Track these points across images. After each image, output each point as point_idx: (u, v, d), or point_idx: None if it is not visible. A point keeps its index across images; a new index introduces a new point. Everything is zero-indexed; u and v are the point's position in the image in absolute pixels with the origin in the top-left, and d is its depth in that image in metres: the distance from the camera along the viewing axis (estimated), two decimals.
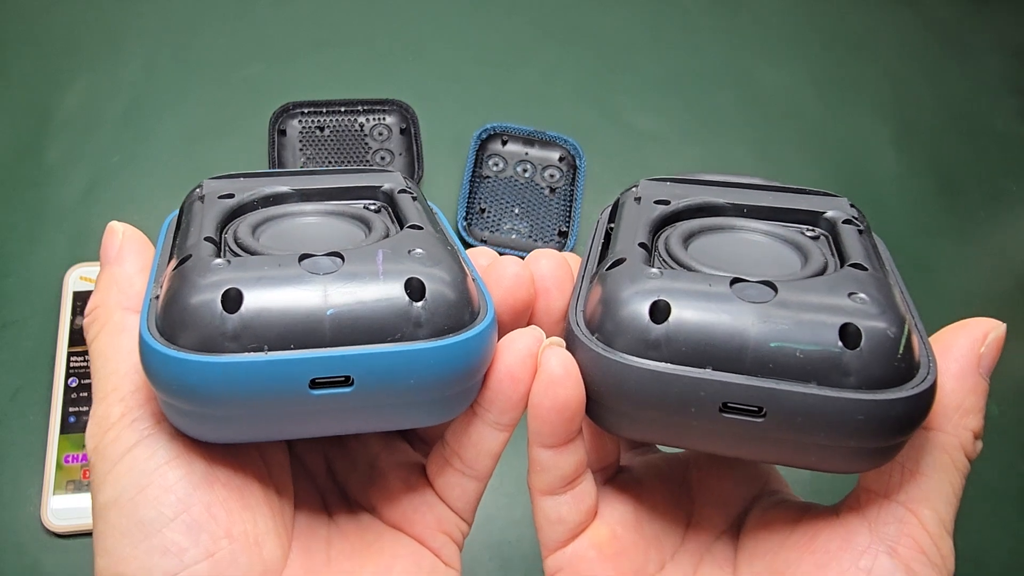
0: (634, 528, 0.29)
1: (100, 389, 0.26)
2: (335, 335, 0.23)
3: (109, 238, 0.29)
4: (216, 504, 0.25)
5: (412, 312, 0.24)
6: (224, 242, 0.27)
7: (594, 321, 0.25)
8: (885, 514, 0.25)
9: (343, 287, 0.24)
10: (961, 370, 0.26)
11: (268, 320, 0.23)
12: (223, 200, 0.29)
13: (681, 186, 0.31)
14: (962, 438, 0.26)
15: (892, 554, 0.25)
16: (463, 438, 0.28)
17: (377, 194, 0.30)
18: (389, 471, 0.30)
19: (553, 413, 0.26)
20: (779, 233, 0.29)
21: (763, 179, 0.32)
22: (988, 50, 0.86)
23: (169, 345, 0.23)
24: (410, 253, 0.25)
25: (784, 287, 0.24)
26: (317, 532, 0.28)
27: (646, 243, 0.27)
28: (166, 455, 0.25)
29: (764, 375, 0.23)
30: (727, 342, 0.23)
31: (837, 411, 0.23)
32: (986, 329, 0.26)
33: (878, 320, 0.23)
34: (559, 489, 0.27)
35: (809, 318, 0.23)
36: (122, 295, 0.27)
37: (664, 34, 0.83)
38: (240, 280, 0.23)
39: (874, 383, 0.23)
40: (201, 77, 0.75)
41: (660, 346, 0.24)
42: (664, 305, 0.24)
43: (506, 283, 0.27)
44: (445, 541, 0.29)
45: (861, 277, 0.25)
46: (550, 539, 0.28)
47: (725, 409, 0.24)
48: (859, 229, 0.28)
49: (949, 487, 0.25)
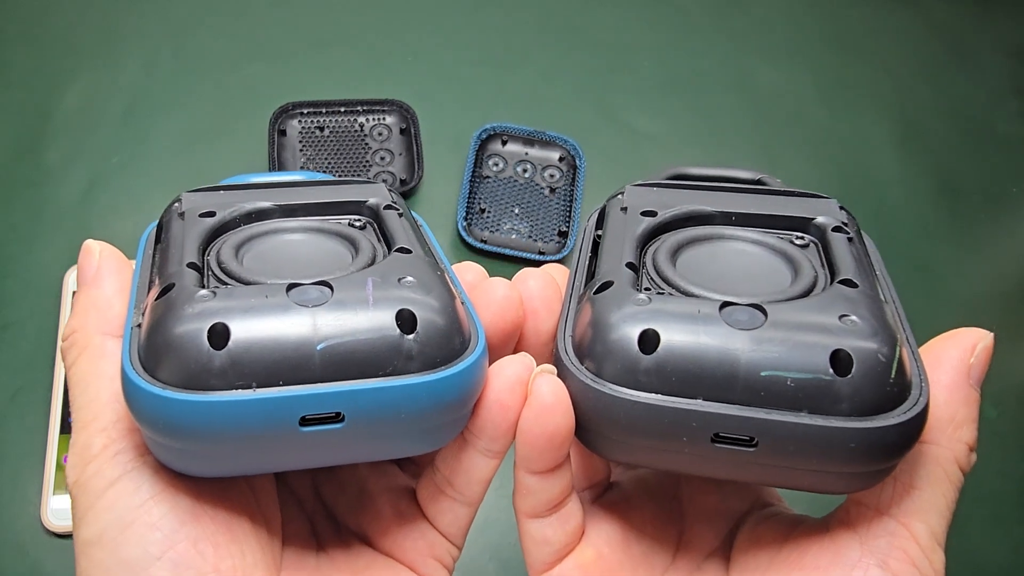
0: (621, 548, 0.29)
1: (80, 419, 0.25)
2: (325, 370, 0.23)
3: (85, 259, 0.28)
4: (203, 540, 0.24)
5: (404, 345, 0.23)
6: (207, 266, 0.26)
7: (583, 348, 0.25)
8: (876, 528, 0.25)
9: (333, 319, 0.23)
10: (952, 382, 0.25)
11: (256, 356, 0.22)
12: (204, 219, 0.28)
13: (668, 192, 0.30)
14: (956, 451, 0.25)
15: (883, 567, 0.24)
16: (454, 465, 0.27)
17: (362, 209, 0.30)
18: (379, 496, 0.29)
19: (542, 440, 0.25)
20: (768, 243, 0.28)
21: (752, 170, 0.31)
22: (989, 52, 0.86)
23: (153, 381, 0.23)
24: (400, 281, 0.24)
25: (774, 310, 0.24)
26: (307, 562, 0.28)
27: (634, 262, 0.27)
28: (150, 490, 0.24)
29: (755, 404, 0.23)
30: (717, 371, 0.23)
31: (829, 439, 0.23)
32: (975, 340, 0.26)
33: (870, 343, 0.23)
34: (544, 512, 0.27)
35: (800, 344, 0.23)
36: (101, 319, 0.27)
37: (664, 34, 0.83)
38: (226, 313, 0.23)
39: (866, 409, 0.23)
40: (201, 77, 0.75)
41: (650, 376, 0.24)
42: (653, 335, 0.24)
43: (495, 306, 0.27)
44: (436, 567, 0.29)
45: (852, 296, 0.25)
46: (536, 561, 0.28)
47: (717, 439, 0.23)
48: (848, 237, 0.28)
49: (942, 500, 0.25)
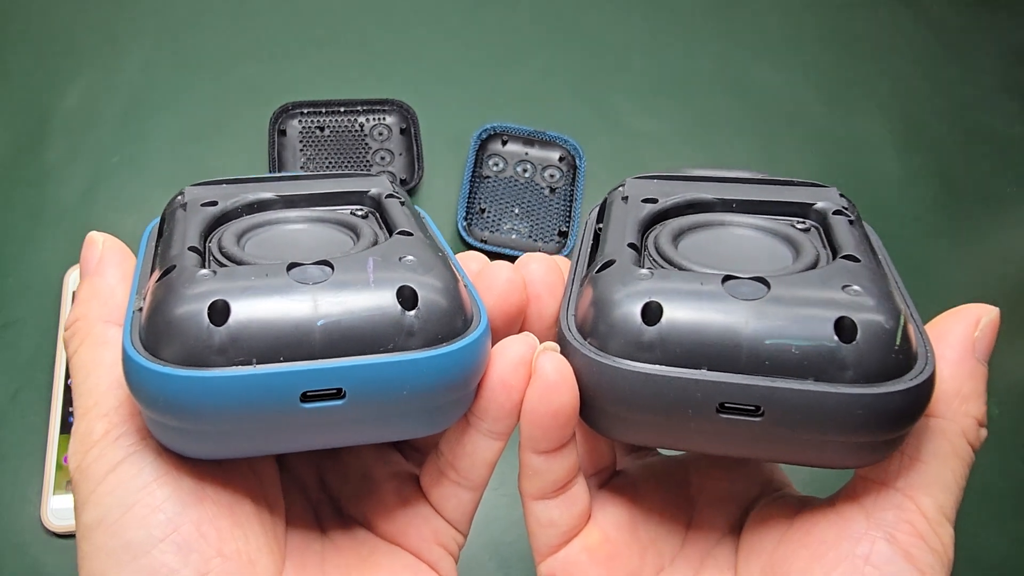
0: (629, 532, 0.28)
1: (81, 405, 0.25)
2: (326, 346, 0.23)
3: (89, 249, 0.28)
4: (206, 522, 0.24)
5: (404, 321, 0.23)
6: (208, 251, 0.26)
7: (586, 325, 0.25)
8: (883, 501, 0.25)
9: (334, 297, 0.23)
10: (957, 356, 0.25)
11: (257, 332, 0.22)
12: (206, 208, 0.28)
13: (668, 183, 0.30)
14: (963, 425, 0.25)
15: (890, 540, 0.24)
16: (457, 448, 0.27)
17: (364, 199, 0.30)
18: (383, 482, 0.29)
19: (547, 419, 0.25)
20: (769, 227, 0.28)
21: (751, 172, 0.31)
22: (989, 52, 0.86)
23: (153, 359, 0.23)
24: (401, 260, 0.24)
25: (777, 282, 0.24)
26: (311, 547, 0.27)
27: (635, 243, 0.27)
28: (153, 473, 0.24)
29: (760, 373, 0.23)
30: (721, 341, 0.23)
31: (835, 406, 0.23)
32: (979, 314, 0.26)
33: (873, 312, 0.23)
34: (550, 494, 0.27)
35: (803, 313, 0.23)
36: (103, 307, 0.27)
37: (664, 34, 0.83)
38: (227, 291, 0.23)
39: (872, 376, 0.23)
40: (201, 77, 0.75)
41: (654, 348, 0.24)
42: (656, 306, 0.24)
43: (498, 289, 0.27)
44: (442, 554, 0.28)
45: (854, 269, 0.25)
46: (542, 544, 0.28)
47: (722, 409, 0.23)
48: (850, 219, 0.28)
49: (950, 474, 0.25)
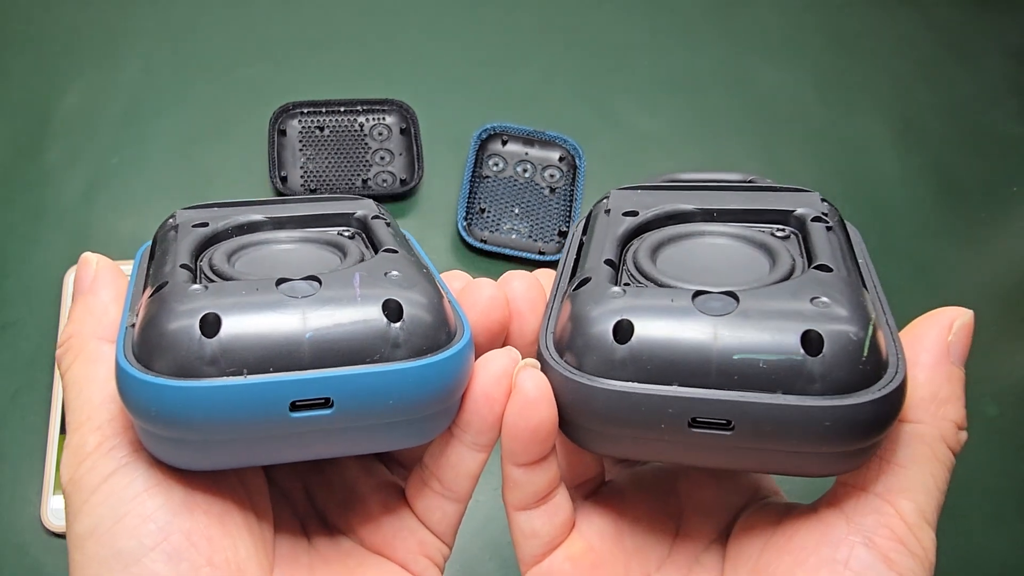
0: (613, 540, 0.29)
1: (74, 419, 0.26)
2: (314, 358, 0.23)
3: (83, 269, 0.29)
4: (196, 532, 0.24)
5: (390, 333, 0.24)
6: (199, 269, 0.27)
7: (562, 342, 0.26)
8: (862, 506, 0.25)
9: (322, 310, 0.24)
10: (932, 360, 0.25)
11: (247, 344, 0.23)
12: (197, 229, 0.29)
13: (652, 194, 0.31)
14: (942, 429, 0.25)
15: (869, 545, 0.24)
16: (441, 460, 0.28)
17: (350, 221, 0.31)
18: (368, 494, 0.30)
19: (527, 433, 0.26)
20: (748, 236, 0.29)
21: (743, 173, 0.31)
22: (989, 52, 0.86)
23: (146, 371, 0.23)
24: (386, 275, 0.25)
25: (746, 296, 0.24)
26: (299, 559, 0.28)
27: (613, 259, 0.27)
28: (144, 483, 0.24)
29: (730, 388, 0.23)
30: (691, 357, 0.23)
31: (803, 419, 0.23)
32: (952, 317, 0.26)
33: (841, 323, 0.23)
34: (532, 504, 0.28)
35: (770, 326, 0.23)
36: (97, 325, 0.27)
37: (664, 34, 0.83)
38: (218, 305, 0.24)
39: (840, 388, 0.23)
40: (201, 77, 0.75)
41: (626, 365, 0.24)
42: (627, 324, 0.24)
43: (481, 305, 0.27)
44: (427, 565, 0.29)
45: (824, 279, 0.25)
46: (526, 554, 0.28)
47: (694, 424, 0.24)
48: (828, 226, 0.28)
49: (930, 478, 0.25)
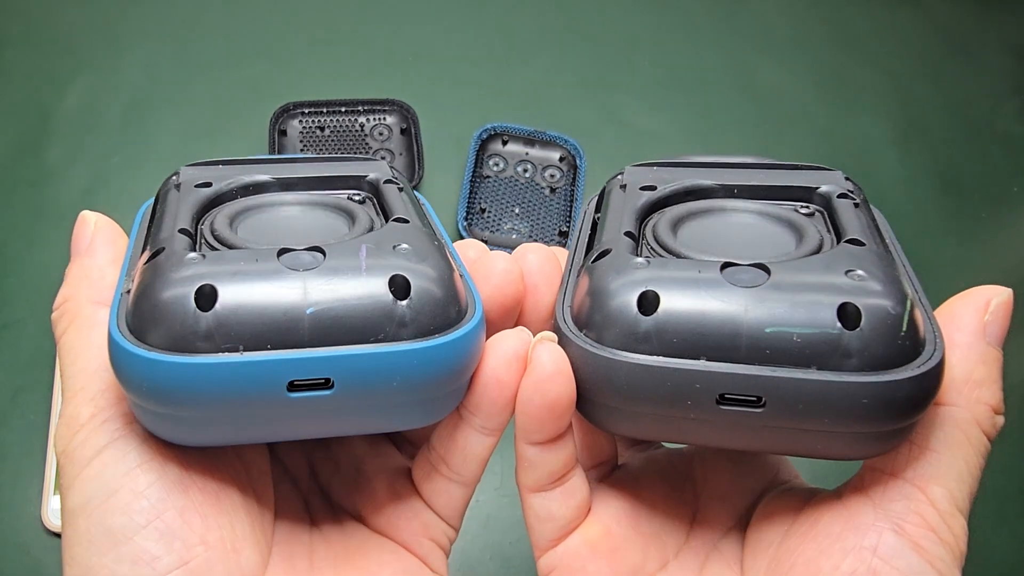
0: (631, 525, 0.28)
1: (68, 388, 0.25)
2: (314, 335, 0.22)
3: (81, 228, 0.27)
4: (191, 509, 0.23)
5: (396, 311, 0.23)
6: (200, 234, 0.26)
7: (581, 316, 0.24)
8: (891, 492, 0.24)
9: (324, 284, 0.22)
10: (967, 341, 0.24)
11: (243, 318, 0.22)
12: (200, 189, 0.27)
13: (668, 170, 0.29)
14: (976, 412, 0.24)
15: (898, 531, 0.23)
16: (449, 443, 0.27)
17: (362, 184, 0.29)
18: (374, 475, 0.29)
19: (543, 410, 0.25)
20: (772, 212, 0.27)
21: (754, 157, 0.30)
22: (990, 51, 0.85)
23: (139, 344, 0.22)
24: (395, 248, 0.24)
25: (777, 268, 0.23)
26: (299, 538, 0.27)
27: (632, 232, 0.26)
28: (137, 458, 0.24)
29: (761, 362, 0.22)
30: (720, 330, 0.22)
31: (839, 396, 0.22)
32: (989, 296, 0.25)
33: (878, 297, 0.22)
34: (548, 486, 0.27)
35: (805, 299, 0.22)
36: (92, 288, 0.26)
37: (665, 34, 0.83)
38: (214, 275, 0.22)
39: (877, 364, 0.22)
40: (201, 77, 0.75)
41: (651, 339, 0.23)
42: (652, 296, 0.23)
43: (495, 280, 0.26)
44: (432, 548, 0.28)
45: (858, 253, 0.24)
46: (541, 538, 0.27)
47: (722, 401, 0.23)
48: (855, 203, 0.27)
49: (963, 464, 0.24)
